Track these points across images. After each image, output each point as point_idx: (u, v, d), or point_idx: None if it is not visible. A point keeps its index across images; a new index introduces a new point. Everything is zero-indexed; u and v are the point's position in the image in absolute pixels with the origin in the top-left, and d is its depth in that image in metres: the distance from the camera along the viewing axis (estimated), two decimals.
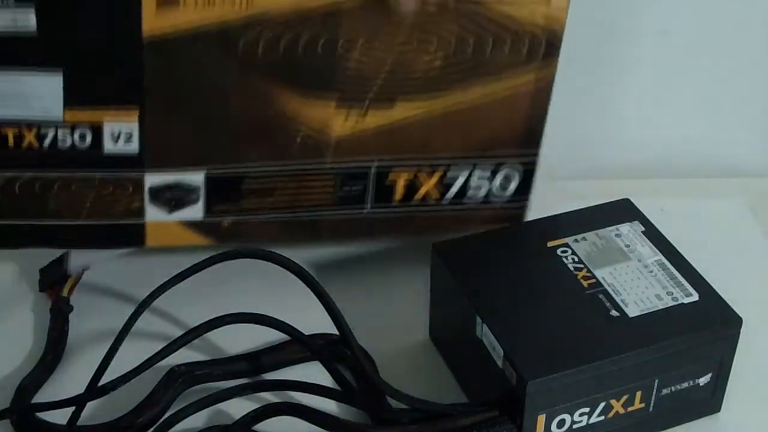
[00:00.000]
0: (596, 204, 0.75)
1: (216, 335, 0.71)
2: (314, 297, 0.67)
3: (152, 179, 0.72)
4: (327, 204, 0.75)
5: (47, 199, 0.71)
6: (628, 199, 0.76)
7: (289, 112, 0.71)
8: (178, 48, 0.67)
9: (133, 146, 0.70)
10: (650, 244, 0.71)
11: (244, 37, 0.67)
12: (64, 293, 0.76)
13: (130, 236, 0.74)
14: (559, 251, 0.71)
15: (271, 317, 0.70)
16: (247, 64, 0.68)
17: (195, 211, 0.74)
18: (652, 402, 0.66)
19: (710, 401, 0.69)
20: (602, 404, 0.65)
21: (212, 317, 0.70)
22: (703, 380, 0.67)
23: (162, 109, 0.69)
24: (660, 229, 0.73)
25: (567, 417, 0.64)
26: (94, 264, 0.66)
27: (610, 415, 0.65)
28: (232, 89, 0.69)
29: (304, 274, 0.67)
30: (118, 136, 0.69)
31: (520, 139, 0.75)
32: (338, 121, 0.72)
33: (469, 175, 0.76)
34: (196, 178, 0.72)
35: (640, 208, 0.75)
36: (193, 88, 0.69)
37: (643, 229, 0.73)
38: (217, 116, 0.70)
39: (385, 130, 0.73)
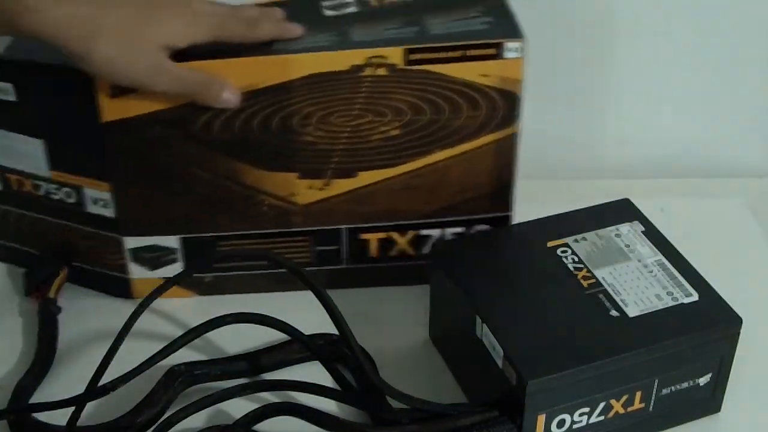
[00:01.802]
0: (596, 204, 0.75)
1: (216, 335, 0.71)
2: (314, 297, 0.67)
3: (130, 242, 0.76)
4: (304, 262, 0.77)
5: (48, 238, 0.77)
6: (628, 199, 0.76)
7: (253, 183, 0.74)
8: (136, 130, 0.71)
9: (111, 211, 0.74)
10: (650, 244, 0.71)
11: (200, 119, 0.70)
12: (51, 294, 0.76)
13: (119, 288, 0.78)
14: (559, 251, 0.71)
15: (271, 317, 0.70)
16: (206, 143, 0.72)
17: (176, 269, 0.77)
18: (652, 402, 0.66)
19: (710, 401, 0.69)
20: (602, 404, 0.65)
21: (212, 317, 0.70)
22: (703, 380, 0.67)
23: (131, 184, 0.73)
24: (660, 229, 0.73)
25: (567, 417, 0.64)
26: None
27: (610, 415, 0.65)
28: (194, 165, 0.73)
29: (304, 274, 0.67)
30: (97, 201, 0.74)
31: (490, 198, 0.76)
32: (303, 190, 0.74)
33: (442, 234, 0.77)
34: (171, 241, 0.76)
35: (640, 208, 0.75)
36: (157, 165, 0.73)
37: (643, 229, 0.73)
38: (184, 189, 0.74)
39: (350, 197, 0.75)
